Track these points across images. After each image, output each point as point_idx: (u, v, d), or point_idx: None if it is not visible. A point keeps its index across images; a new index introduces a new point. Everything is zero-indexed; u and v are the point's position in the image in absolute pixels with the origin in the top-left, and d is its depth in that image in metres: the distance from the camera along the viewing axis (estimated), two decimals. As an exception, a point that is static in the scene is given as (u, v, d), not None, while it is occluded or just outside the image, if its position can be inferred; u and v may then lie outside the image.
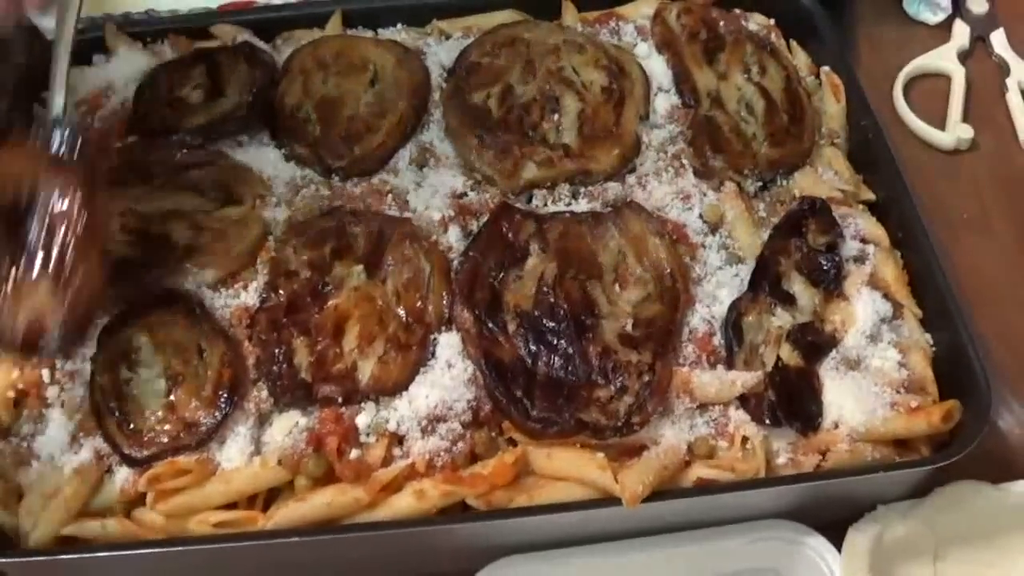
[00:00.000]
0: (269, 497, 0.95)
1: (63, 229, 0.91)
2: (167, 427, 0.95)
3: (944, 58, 1.38)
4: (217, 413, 0.95)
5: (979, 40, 1.42)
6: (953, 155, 1.31)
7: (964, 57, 1.40)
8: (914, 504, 0.97)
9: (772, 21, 1.25)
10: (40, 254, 0.90)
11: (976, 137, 1.31)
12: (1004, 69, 1.38)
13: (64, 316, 0.91)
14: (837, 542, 0.94)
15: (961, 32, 1.41)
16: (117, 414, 0.95)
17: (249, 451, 0.94)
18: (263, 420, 0.96)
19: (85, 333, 0.98)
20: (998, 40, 1.41)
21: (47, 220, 0.91)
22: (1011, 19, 1.44)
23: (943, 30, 1.43)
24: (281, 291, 1.01)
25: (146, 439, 0.94)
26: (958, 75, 1.36)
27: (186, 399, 0.96)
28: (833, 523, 0.95)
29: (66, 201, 0.91)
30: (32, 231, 0.90)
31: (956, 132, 1.30)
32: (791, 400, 0.96)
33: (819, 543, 0.95)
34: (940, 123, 1.32)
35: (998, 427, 1.10)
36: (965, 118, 1.33)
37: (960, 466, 0.95)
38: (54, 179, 0.92)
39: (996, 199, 1.28)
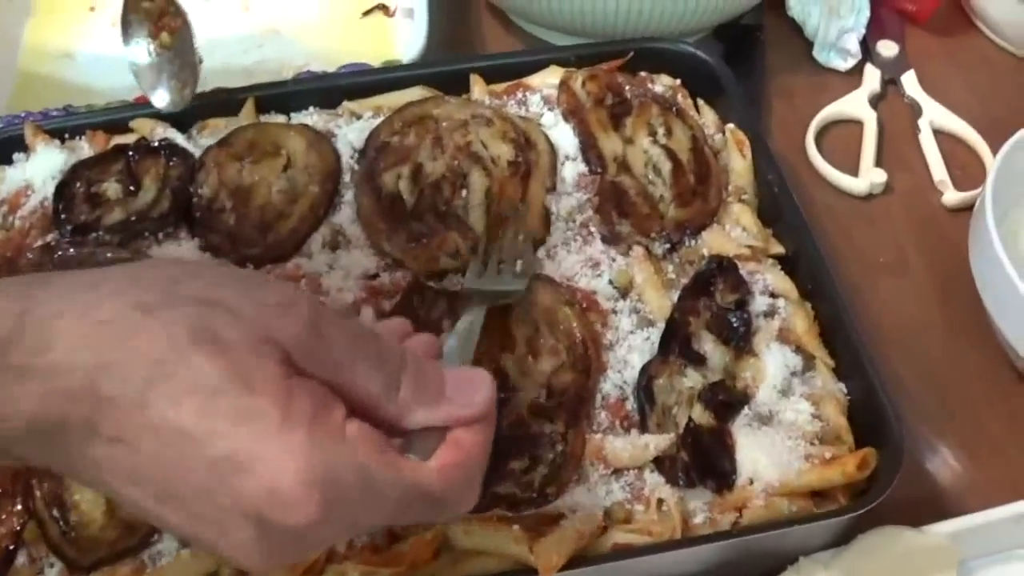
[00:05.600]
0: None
1: None
2: (108, 532, 0.95)
3: (855, 103, 1.41)
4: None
5: (890, 83, 1.44)
6: (868, 200, 1.33)
7: (876, 101, 1.42)
8: (836, 553, 0.98)
9: (678, 81, 1.26)
10: None
11: (890, 180, 1.33)
12: (916, 110, 1.40)
13: None
14: (761, 597, 0.95)
15: (872, 76, 1.44)
16: (61, 523, 0.95)
17: (175, 546, 0.94)
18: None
19: None
20: (909, 82, 1.43)
21: None
22: (921, 60, 1.46)
23: (855, 76, 1.45)
24: (201, 382, 1.02)
25: (89, 545, 0.94)
26: (870, 119, 1.38)
27: (123, 501, 0.96)
28: (759, 576, 0.96)
29: None
30: None
31: (869, 177, 1.32)
32: (704, 460, 0.97)
33: (743, 599, 0.96)
34: (855, 169, 1.34)
35: (925, 468, 1.12)
36: (879, 162, 1.35)
37: (885, 511, 0.96)
38: None
39: (912, 241, 1.29)
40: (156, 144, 1.20)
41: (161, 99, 1.20)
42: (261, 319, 0.67)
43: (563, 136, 1.20)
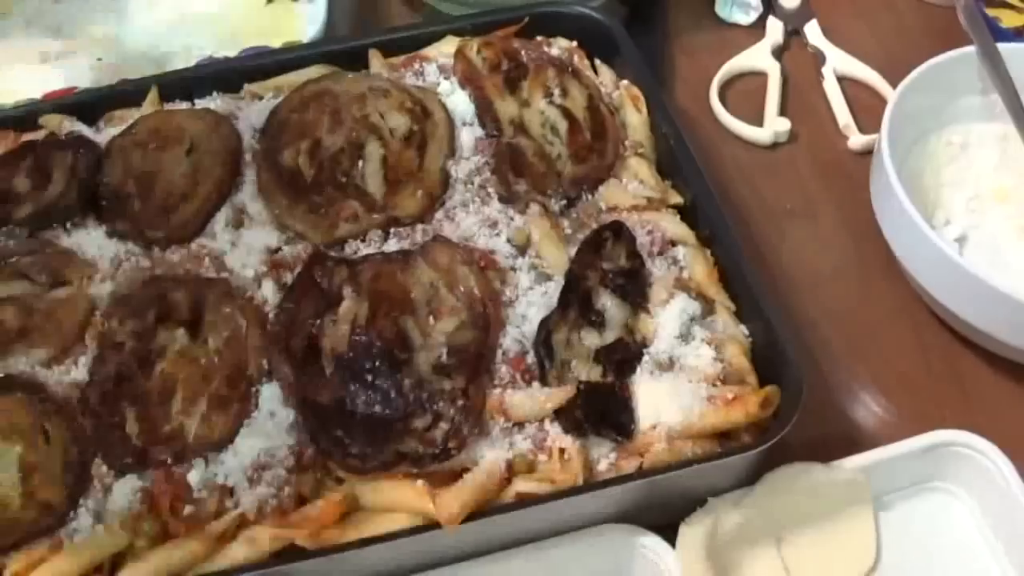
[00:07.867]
0: (115, 563, 0.96)
1: None
2: (27, 512, 0.96)
3: (758, 56, 1.42)
4: (70, 492, 0.97)
5: (794, 34, 1.46)
6: (773, 149, 1.35)
7: (780, 52, 1.44)
8: (745, 492, 1.00)
9: (575, 43, 1.28)
10: None
11: (795, 128, 1.35)
12: (820, 58, 1.42)
13: None
14: (675, 540, 0.97)
15: (775, 28, 1.45)
16: (-24, 508, 0.97)
17: (90, 522, 0.96)
18: (105, 490, 0.98)
19: None
20: (812, 31, 1.45)
21: None
22: (824, 8, 1.48)
23: (758, 29, 1.47)
24: (109, 363, 1.03)
25: (8, 526, 0.95)
26: (773, 71, 1.40)
27: (40, 483, 0.97)
28: (671, 522, 0.98)
29: None
30: None
31: (773, 126, 1.34)
32: (600, 415, 0.98)
33: (654, 542, 0.97)
34: (760, 120, 1.36)
35: (839, 407, 1.14)
36: (784, 111, 1.37)
37: (798, 450, 0.98)
38: None
39: (818, 186, 1.31)
40: (64, 138, 1.22)
41: None
42: None
43: (460, 103, 1.22)
